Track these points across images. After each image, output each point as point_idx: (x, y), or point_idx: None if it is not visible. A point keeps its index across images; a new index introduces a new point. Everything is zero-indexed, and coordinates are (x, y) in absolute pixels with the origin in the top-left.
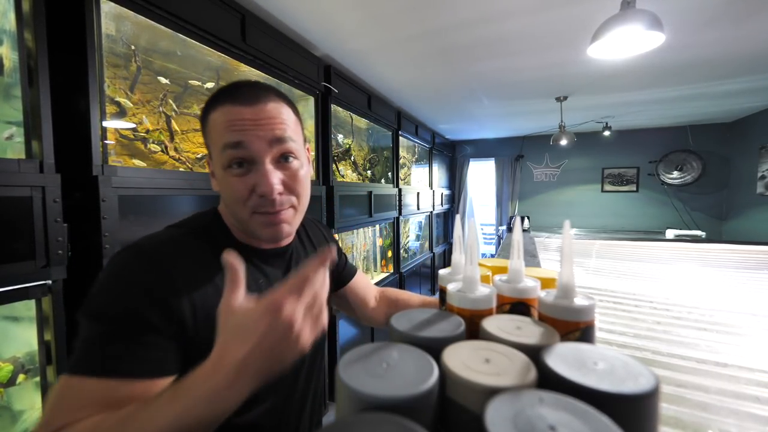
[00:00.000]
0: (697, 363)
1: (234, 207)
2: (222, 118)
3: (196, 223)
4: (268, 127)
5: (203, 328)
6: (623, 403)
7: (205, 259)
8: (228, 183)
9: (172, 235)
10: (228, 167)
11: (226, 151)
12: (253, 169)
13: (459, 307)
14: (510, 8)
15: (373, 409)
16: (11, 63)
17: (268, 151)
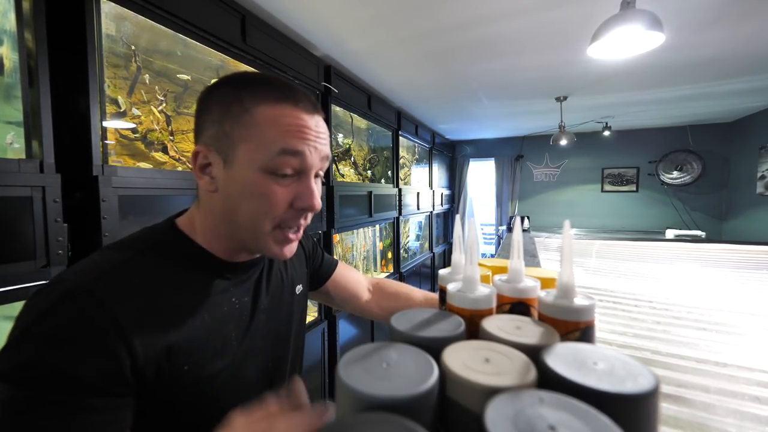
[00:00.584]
0: (696, 363)
1: (257, 217)
2: (286, 119)
3: (148, 241)
4: (323, 141)
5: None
6: (623, 403)
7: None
8: (265, 190)
9: (115, 261)
10: (272, 173)
11: (282, 156)
12: (297, 181)
13: (459, 307)
14: (510, 8)
15: (373, 409)
16: (11, 63)
17: (317, 166)
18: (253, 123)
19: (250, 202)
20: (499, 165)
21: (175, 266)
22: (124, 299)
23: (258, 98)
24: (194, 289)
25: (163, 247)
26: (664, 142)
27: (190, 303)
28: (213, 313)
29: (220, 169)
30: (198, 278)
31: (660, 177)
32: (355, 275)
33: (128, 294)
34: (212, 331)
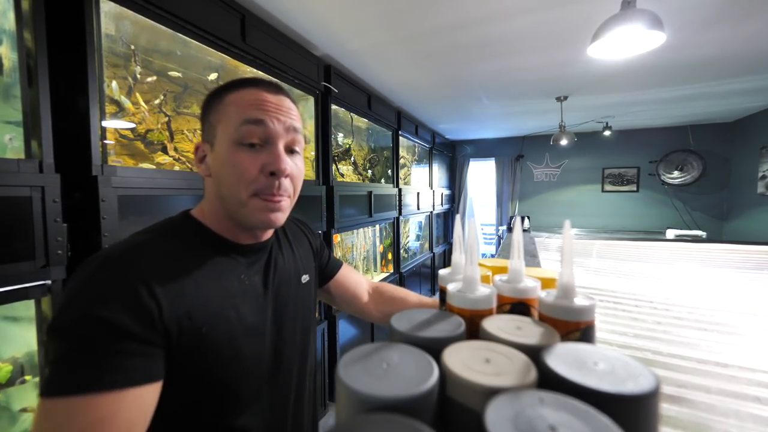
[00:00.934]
0: (697, 363)
1: (234, 187)
2: (247, 96)
3: (166, 227)
4: (287, 115)
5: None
6: (623, 404)
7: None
8: (235, 159)
9: (139, 240)
10: (240, 143)
11: (245, 126)
12: (265, 150)
13: (459, 307)
14: (510, 8)
15: (373, 410)
16: (11, 63)
17: (283, 135)
18: (223, 106)
19: (227, 173)
20: (499, 165)
21: (190, 245)
22: (149, 265)
23: (229, 89)
24: (207, 264)
25: (178, 231)
26: (664, 142)
27: (204, 274)
28: (224, 285)
29: (210, 155)
30: (209, 255)
31: (660, 177)
32: (357, 277)
33: (152, 262)
34: (225, 300)
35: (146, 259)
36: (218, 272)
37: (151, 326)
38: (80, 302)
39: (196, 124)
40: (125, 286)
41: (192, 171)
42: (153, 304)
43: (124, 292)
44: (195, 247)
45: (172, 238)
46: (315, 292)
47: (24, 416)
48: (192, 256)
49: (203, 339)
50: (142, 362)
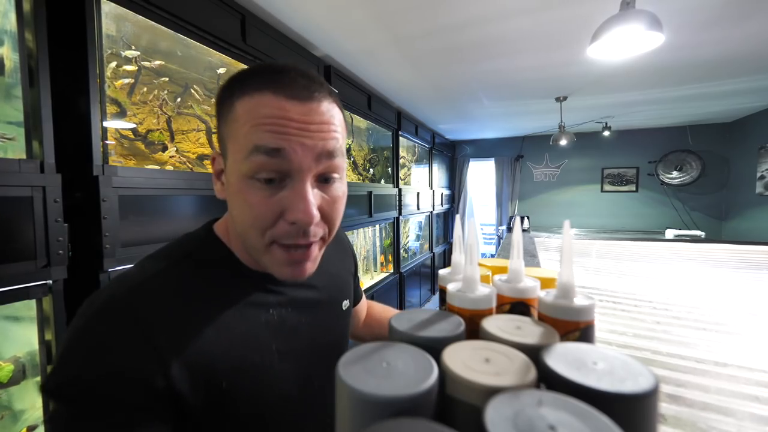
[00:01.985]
0: (696, 363)
1: (248, 231)
2: (258, 109)
3: (184, 249)
4: (319, 135)
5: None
6: (623, 403)
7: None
8: (247, 199)
9: (151, 273)
10: (251, 177)
11: (256, 156)
12: (286, 187)
13: (459, 307)
14: (510, 8)
15: (373, 409)
16: (12, 63)
17: (312, 167)
18: (234, 119)
19: (239, 210)
20: (499, 165)
21: (210, 276)
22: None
23: (242, 89)
24: (230, 301)
25: (199, 255)
26: (663, 142)
27: (226, 314)
28: (250, 326)
29: (225, 174)
30: (234, 289)
31: (660, 177)
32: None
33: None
34: (249, 343)
35: (154, 302)
36: (243, 310)
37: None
38: (75, 360)
39: (197, 124)
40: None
41: (192, 171)
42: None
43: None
44: (218, 279)
45: (191, 266)
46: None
47: (25, 415)
48: (213, 293)
49: (224, 395)
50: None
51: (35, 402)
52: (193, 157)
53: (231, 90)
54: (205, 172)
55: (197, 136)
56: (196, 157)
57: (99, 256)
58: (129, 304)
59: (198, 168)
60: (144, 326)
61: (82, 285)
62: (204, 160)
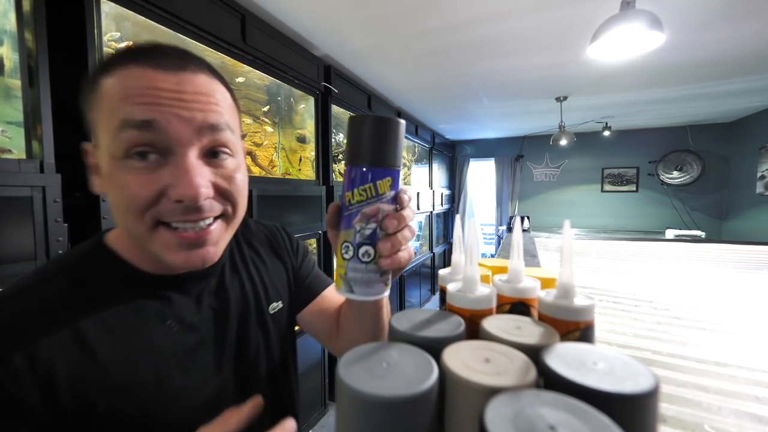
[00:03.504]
0: (696, 363)
1: (125, 218)
2: (126, 81)
3: (61, 264)
4: (197, 107)
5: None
6: (623, 403)
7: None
8: (120, 181)
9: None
10: (123, 158)
11: (125, 132)
12: (167, 163)
13: (459, 307)
14: (510, 8)
15: (373, 409)
16: (12, 63)
17: (194, 140)
18: (99, 97)
19: (114, 197)
20: (499, 165)
21: (95, 287)
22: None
23: (107, 69)
24: (115, 312)
25: (84, 266)
26: (663, 142)
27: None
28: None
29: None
30: (122, 299)
31: (660, 177)
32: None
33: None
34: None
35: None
36: (130, 322)
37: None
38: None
39: None
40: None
41: None
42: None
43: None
44: (102, 291)
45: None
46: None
47: None
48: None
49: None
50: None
51: None
52: None
53: (96, 73)
54: None
55: None
56: None
57: None
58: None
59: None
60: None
61: None
62: None
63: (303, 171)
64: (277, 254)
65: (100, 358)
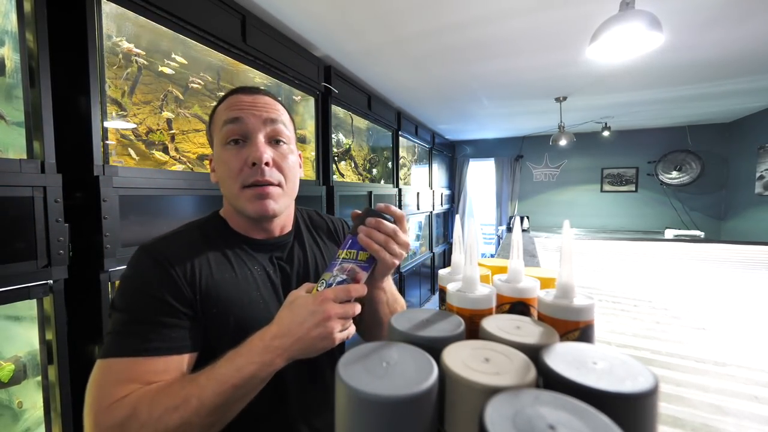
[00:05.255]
0: (696, 362)
1: (228, 183)
2: (225, 105)
3: (195, 223)
4: (264, 109)
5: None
6: (622, 403)
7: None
8: (224, 159)
9: (171, 232)
10: (226, 143)
11: (225, 126)
12: (247, 145)
13: (459, 306)
14: (510, 8)
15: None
16: (13, 64)
17: (261, 128)
18: (215, 116)
19: (221, 172)
20: (498, 165)
21: (213, 238)
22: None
23: (220, 101)
24: (222, 255)
25: (204, 226)
26: (663, 142)
27: (219, 263)
28: (238, 274)
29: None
30: (226, 247)
31: (659, 177)
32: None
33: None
34: (238, 286)
35: (173, 247)
36: (232, 263)
37: (182, 301)
38: (127, 282)
39: (197, 125)
40: (160, 269)
41: (193, 171)
42: (182, 283)
43: (159, 273)
44: (214, 240)
45: (198, 231)
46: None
47: (26, 414)
48: (213, 248)
49: (213, 319)
50: (181, 334)
51: (36, 401)
52: (193, 157)
53: (215, 107)
54: (206, 172)
55: (198, 136)
56: (196, 158)
57: (99, 256)
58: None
59: (198, 168)
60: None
61: (83, 285)
62: (204, 160)
63: (303, 171)
64: (334, 241)
65: (217, 278)
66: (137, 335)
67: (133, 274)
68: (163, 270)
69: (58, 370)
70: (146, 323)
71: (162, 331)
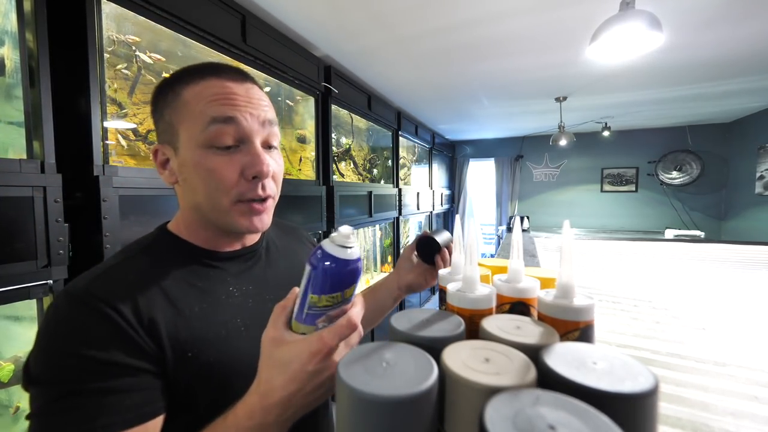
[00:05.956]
0: (696, 362)
1: (213, 195)
2: (209, 89)
3: (138, 243)
4: (261, 106)
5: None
6: (622, 403)
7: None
8: (210, 165)
9: (108, 265)
10: (209, 147)
11: (213, 126)
12: (242, 151)
13: (459, 306)
14: (510, 9)
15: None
16: (13, 63)
17: (260, 132)
18: (183, 103)
19: (201, 180)
20: (498, 165)
21: (165, 263)
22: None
23: (184, 80)
24: (187, 281)
25: (152, 248)
26: (663, 143)
27: (183, 294)
28: (210, 302)
29: (174, 159)
30: (189, 271)
31: (659, 177)
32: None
33: (123, 288)
34: (211, 319)
35: (115, 285)
36: (201, 289)
37: (139, 354)
38: (56, 343)
39: None
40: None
41: None
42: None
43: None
44: (171, 265)
45: (145, 256)
46: None
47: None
48: (169, 278)
49: (192, 362)
50: (143, 397)
51: None
52: None
53: (172, 85)
54: None
55: None
56: None
57: (99, 256)
58: (93, 289)
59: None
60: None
61: None
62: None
63: (303, 171)
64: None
65: (185, 314)
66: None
67: (61, 332)
68: (106, 321)
69: None
70: (87, 394)
71: (112, 401)
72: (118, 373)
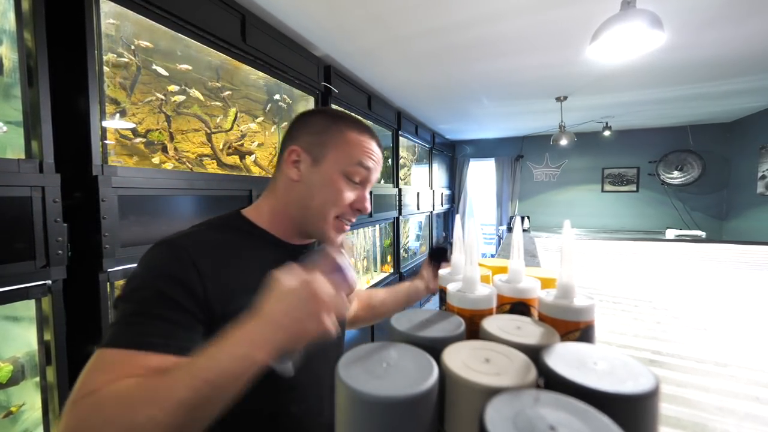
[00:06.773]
0: (696, 363)
1: (326, 205)
2: (366, 144)
3: (216, 219)
4: (380, 169)
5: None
6: (623, 403)
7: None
8: (339, 186)
9: (194, 229)
10: (347, 176)
11: (359, 167)
12: (360, 188)
13: (459, 307)
14: (510, 8)
15: (373, 408)
16: (11, 63)
17: (373, 182)
18: (345, 141)
19: (326, 193)
20: (499, 165)
21: (239, 238)
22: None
23: (350, 126)
24: (253, 256)
25: (229, 225)
26: (664, 142)
27: (249, 262)
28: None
29: (308, 166)
30: (258, 249)
31: (660, 177)
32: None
33: (201, 246)
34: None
35: (196, 243)
36: (264, 265)
37: (195, 302)
38: (141, 273)
39: (196, 124)
40: (179, 264)
41: (192, 171)
42: (199, 283)
43: (178, 269)
44: (243, 240)
45: (222, 231)
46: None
47: (24, 415)
48: (240, 248)
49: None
50: (187, 335)
51: (34, 402)
52: (192, 157)
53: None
54: (206, 172)
55: (197, 135)
56: (195, 158)
57: (98, 256)
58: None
59: (198, 168)
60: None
61: (82, 285)
62: (203, 160)
63: None
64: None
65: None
66: (137, 328)
67: (147, 266)
68: (182, 266)
69: (57, 371)
70: (149, 316)
71: (164, 327)
72: (174, 307)
